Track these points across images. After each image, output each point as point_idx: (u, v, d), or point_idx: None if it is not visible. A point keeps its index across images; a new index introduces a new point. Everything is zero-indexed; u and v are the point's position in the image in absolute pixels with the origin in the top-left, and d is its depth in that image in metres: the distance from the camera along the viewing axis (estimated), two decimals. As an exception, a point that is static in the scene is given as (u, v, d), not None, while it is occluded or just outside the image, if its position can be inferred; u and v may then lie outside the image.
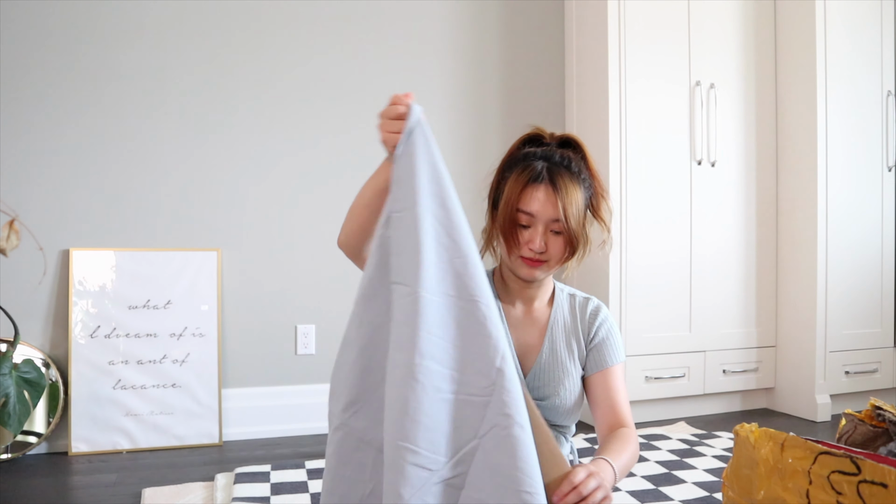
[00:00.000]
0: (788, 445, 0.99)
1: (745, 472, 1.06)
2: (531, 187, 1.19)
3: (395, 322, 1.01)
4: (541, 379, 1.26)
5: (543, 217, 1.18)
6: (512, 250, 1.21)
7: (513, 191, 1.20)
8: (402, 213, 1.03)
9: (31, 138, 2.46)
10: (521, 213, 1.19)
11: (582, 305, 1.32)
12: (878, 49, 3.06)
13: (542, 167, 1.20)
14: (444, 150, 1.14)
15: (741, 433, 1.09)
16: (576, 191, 1.20)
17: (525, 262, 1.21)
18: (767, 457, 1.01)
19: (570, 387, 1.27)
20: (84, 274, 2.47)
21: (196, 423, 2.52)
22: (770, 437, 1.03)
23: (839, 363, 2.98)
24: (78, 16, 2.50)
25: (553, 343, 1.28)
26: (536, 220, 1.19)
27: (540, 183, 1.19)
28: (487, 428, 0.97)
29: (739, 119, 3.04)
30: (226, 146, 2.67)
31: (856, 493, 0.89)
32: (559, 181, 1.18)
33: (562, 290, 1.34)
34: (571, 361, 1.28)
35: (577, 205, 1.20)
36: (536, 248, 1.19)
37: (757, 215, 3.08)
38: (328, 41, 2.79)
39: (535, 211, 1.18)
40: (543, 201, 1.18)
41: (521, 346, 1.28)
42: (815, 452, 0.95)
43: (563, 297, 1.33)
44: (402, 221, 1.02)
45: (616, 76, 2.80)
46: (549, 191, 1.18)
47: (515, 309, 1.30)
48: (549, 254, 1.20)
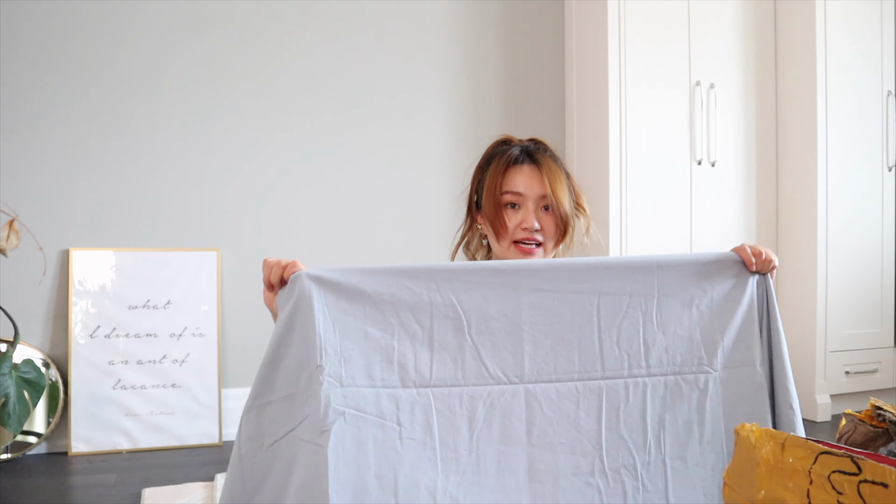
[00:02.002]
0: (789, 445, 0.99)
1: (745, 472, 1.06)
2: (514, 169, 1.19)
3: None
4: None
5: (531, 194, 1.17)
6: (503, 237, 1.19)
7: (495, 177, 1.19)
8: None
9: (32, 138, 2.46)
10: (508, 194, 1.18)
11: None
12: (878, 49, 3.06)
13: (521, 150, 1.22)
14: (443, 150, 1.14)
15: (742, 433, 1.09)
16: (557, 169, 1.20)
17: (519, 248, 1.19)
18: (768, 456, 1.01)
19: None
20: (84, 274, 2.47)
21: (196, 423, 2.52)
22: (771, 436, 1.03)
23: (839, 363, 2.98)
24: (78, 16, 2.50)
25: None
26: (525, 199, 1.17)
27: (522, 164, 1.19)
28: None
29: (739, 119, 3.04)
30: (226, 146, 2.67)
31: (856, 493, 0.89)
32: (540, 159, 1.19)
33: None
34: None
35: (562, 180, 1.19)
36: (531, 225, 1.16)
37: (757, 215, 3.08)
38: (328, 42, 2.79)
39: (522, 189, 1.17)
40: (529, 178, 1.18)
41: None
42: (816, 452, 0.95)
43: None
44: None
45: (616, 76, 2.80)
46: (534, 168, 1.18)
47: None
48: (543, 233, 1.19)
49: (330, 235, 2.79)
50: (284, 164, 2.74)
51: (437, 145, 2.90)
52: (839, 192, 2.97)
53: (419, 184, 2.89)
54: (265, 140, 2.72)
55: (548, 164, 1.18)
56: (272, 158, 2.72)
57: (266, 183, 2.72)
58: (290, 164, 2.74)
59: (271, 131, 2.72)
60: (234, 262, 2.67)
